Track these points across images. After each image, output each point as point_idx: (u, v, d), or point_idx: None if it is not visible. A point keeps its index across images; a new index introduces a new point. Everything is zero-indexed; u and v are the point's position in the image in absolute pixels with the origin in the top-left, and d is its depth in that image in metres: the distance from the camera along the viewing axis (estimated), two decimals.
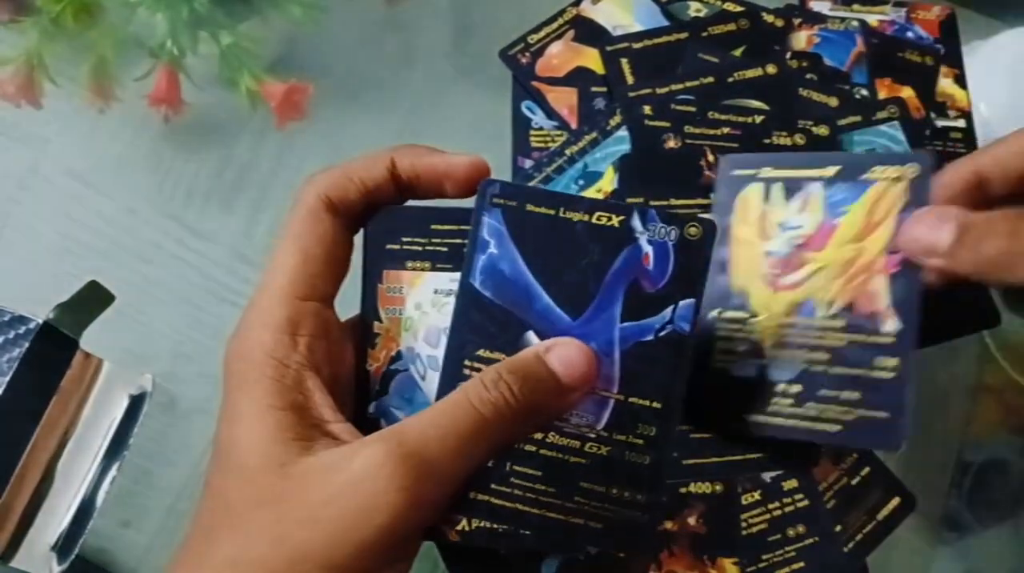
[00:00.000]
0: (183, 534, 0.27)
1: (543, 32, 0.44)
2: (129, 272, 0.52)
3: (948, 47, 0.44)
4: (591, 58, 0.43)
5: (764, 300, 0.33)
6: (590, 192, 0.39)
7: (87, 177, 0.54)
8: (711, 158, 0.38)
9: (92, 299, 0.46)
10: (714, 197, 0.35)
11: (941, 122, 0.42)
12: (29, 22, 0.48)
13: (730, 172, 0.35)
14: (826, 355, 0.33)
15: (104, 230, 0.53)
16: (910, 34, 0.44)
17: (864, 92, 0.41)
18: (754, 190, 0.34)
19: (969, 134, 0.43)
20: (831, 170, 0.33)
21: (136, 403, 0.48)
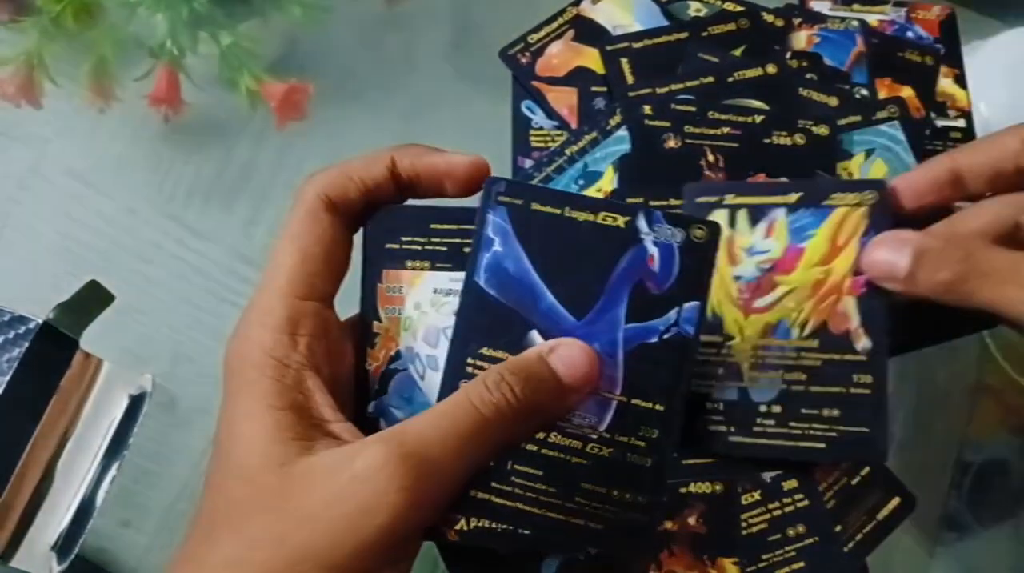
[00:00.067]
0: (183, 534, 0.27)
1: (543, 32, 0.44)
2: (129, 272, 0.52)
3: (948, 47, 0.44)
4: (591, 58, 0.43)
5: (737, 323, 0.34)
6: (590, 192, 0.39)
7: (87, 177, 0.54)
8: (711, 158, 0.38)
9: (92, 299, 0.46)
10: None
11: (941, 122, 0.42)
12: (29, 22, 0.48)
13: (694, 199, 0.35)
14: (804, 375, 0.33)
15: (104, 230, 0.53)
16: (910, 34, 0.44)
17: (864, 92, 0.41)
18: (719, 216, 0.35)
19: (969, 134, 0.43)
20: (793, 197, 0.34)
21: (136, 403, 0.48)
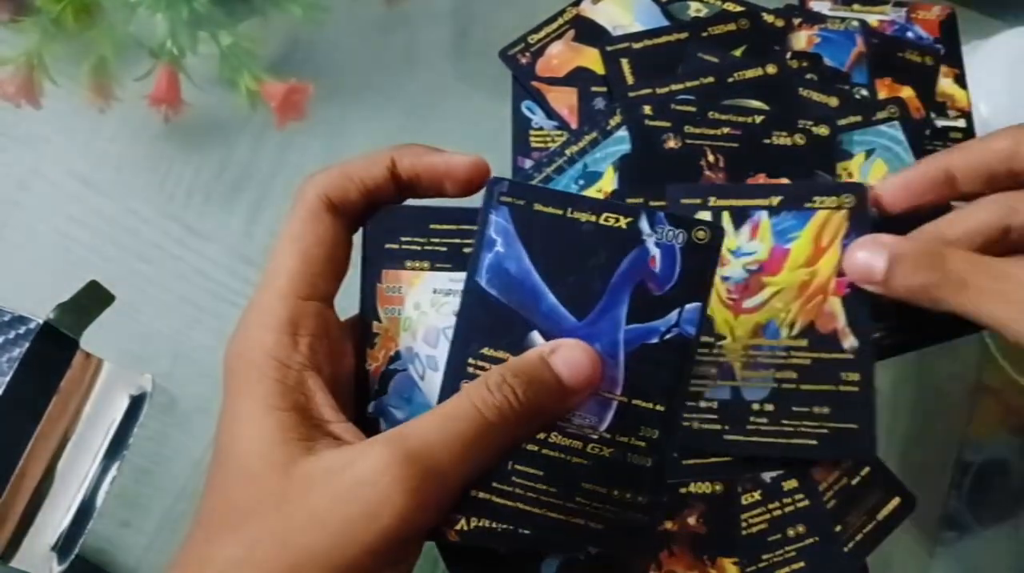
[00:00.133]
0: (183, 534, 0.27)
1: (543, 32, 0.44)
2: (129, 272, 0.52)
3: (948, 47, 0.44)
4: (591, 58, 0.43)
5: (728, 323, 0.35)
6: (590, 192, 0.39)
7: (87, 177, 0.54)
8: (711, 158, 0.38)
9: (92, 299, 0.46)
10: None
11: (941, 122, 0.42)
12: (29, 22, 0.48)
13: (679, 201, 0.36)
14: (794, 373, 0.34)
15: (104, 230, 0.53)
16: (910, 34, 0.44)
17: (864, 92, 0.41)
18: (702, 218, 0.35)
19: (969, 134, 0.43)
20: (775, 199, 0.35)
21: (136, 403, 0.48)
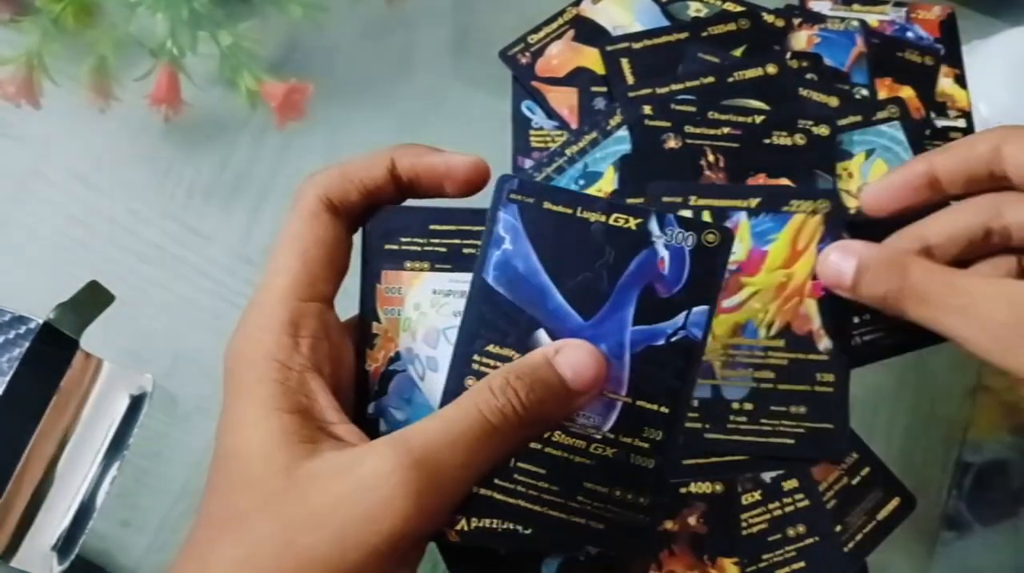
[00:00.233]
0: (183, 534, 0.27)
1: (543, 32, 0.44)
2: (129, 272, 0.52)
3: (948, 47, 0.44)
4: (591, 58, 0.43)
5: None
6: (590, 192, 0.39)
7: (87, 177, 0.54)
8: (711, 158, 0.38)
9: (92, 299, 0.46)
10: None
11: (941, 122, 0.42)
12: (29, 22, 0.48)
13: (660, 199, 0.36)
14: (772, 373, 0.34)
15: (104, 230, 0.53)
16: (910, 34, 0.44)
17: (864, 92, 0.41)
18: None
19: (969, 134, 0.43)
20: (753, 201, 0.35)
21: (136, 403, 0.48)
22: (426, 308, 0.31)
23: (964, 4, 0.54)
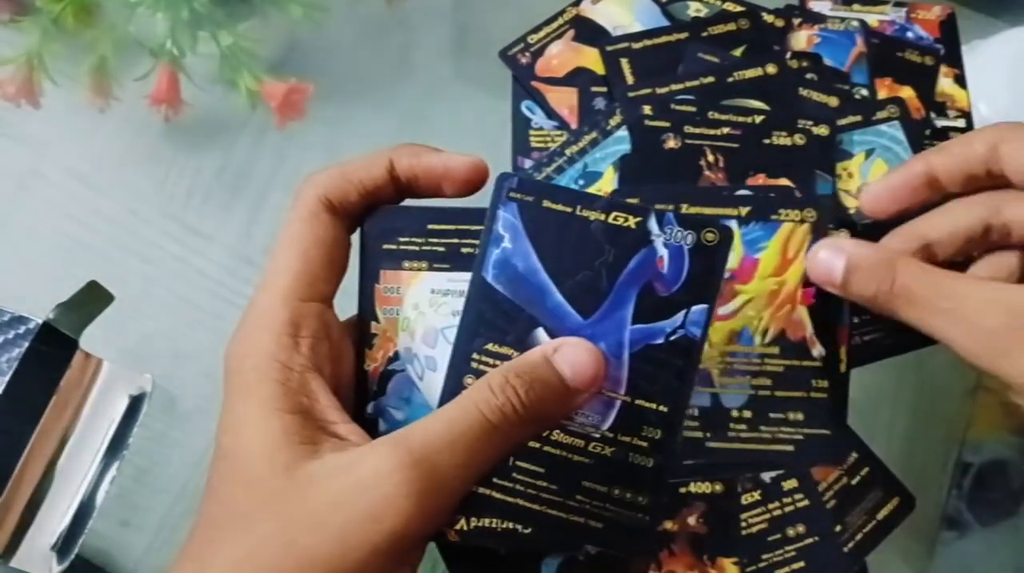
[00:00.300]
0: (183, 534, 0.27)
1: (543, 32, 0.44)
2: (129, 272, 0.52)
3: (948, 47, 0.44)
4: (591, 58, 0.43)
5: None
6: (590, 192, 0.39)
7: (87, 177, 0.54)
8: (711, 158, 0.38)
9: (92, 299, 0.46)
10: None
11: (941, 122, 0.42)
12: (29, 22, 0.48)
13: (652, 204, 0.36)
14: (769, 380, 0.34)
15: (104, 230, 0.53)
16: (910, 34, 0.44)
17: (864, 92, 0.41)
18: None
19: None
20: (743, 210, 0.35)
21: (136, 403, 0.48)
22: (425, 308, 0.31)
23: (964, 4, 0.54)
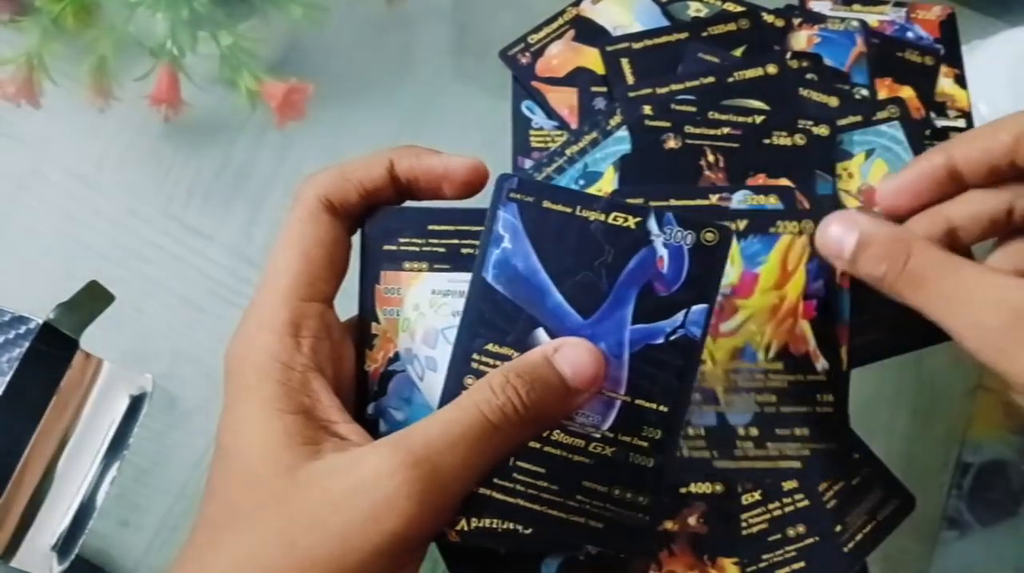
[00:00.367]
0: (183, 534, 0.27)
1: (543, 32, 0.44)
2: (129, 272, 0.52)
3: (948, 47, 0.44)
4: (591, 58, 0.43)
5: (707, 348, 0.34)
6: (590, 192, 0.39)
7: (87, 177, 0.54)
8: (711, 158, 0.38)
9: (92, 299, 0.46)
10: None
11: (941, 122, 0.42)
12: (29, 22, 0.48)
13: None
14: (774, 396, 0.34)
15: (104, 230, 0.53)
16: (910, 34, 0.44)
17: (864, 92, 0.41)
18: None
19: None
20: (741, 223, 0.35)
21: (136, 403, 0.48)
22: (425, 308, 0.31)
23: (964, 4, 0.54)
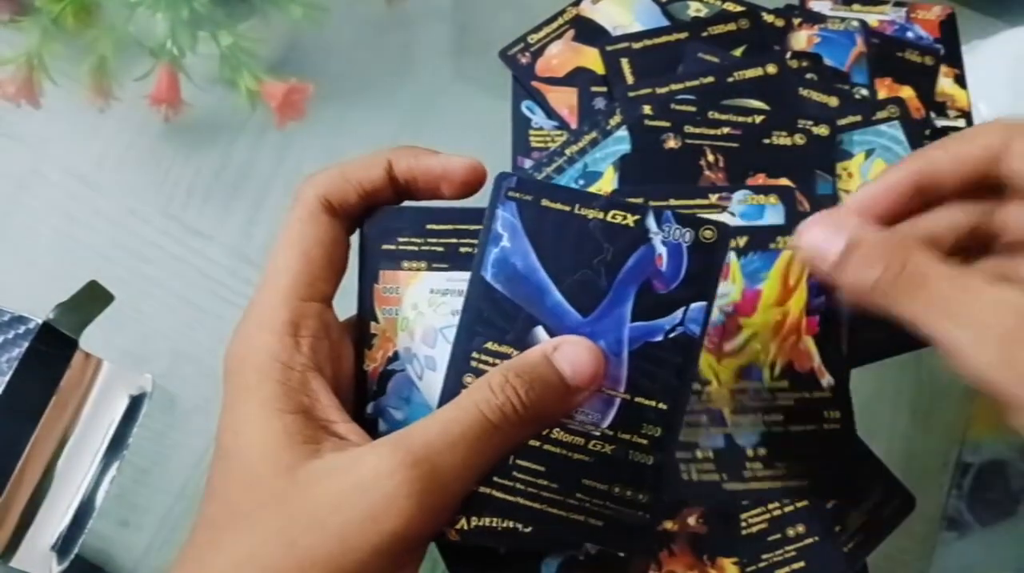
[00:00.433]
0: (183, 534, 0.27)
1: (543, 32, 0.44)
2: (129, 272, 0.52)
3: (948, 47, 0.44)
4: (591, 58, 0.43)
5: (712, 368, 0.34)
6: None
7: (87, 177, 0.54)
8: (711, 158, 0.38)
9: (92, 299, 0.46)
10: None
11: (941, 122, 0.42)
12: (29, 22, 0.48)
13: None
14: (781, 416, 0.34)
15: (104, 230, 0.53)
16: (910, 34, 0.44)
17: (864, 92, 0.41)
18: None
19: None
20: (741, 241, 0.35)
21: (136, 403, 0.48)
22: (424, 308, 0.31)
23: (964, 4, 0.54)
